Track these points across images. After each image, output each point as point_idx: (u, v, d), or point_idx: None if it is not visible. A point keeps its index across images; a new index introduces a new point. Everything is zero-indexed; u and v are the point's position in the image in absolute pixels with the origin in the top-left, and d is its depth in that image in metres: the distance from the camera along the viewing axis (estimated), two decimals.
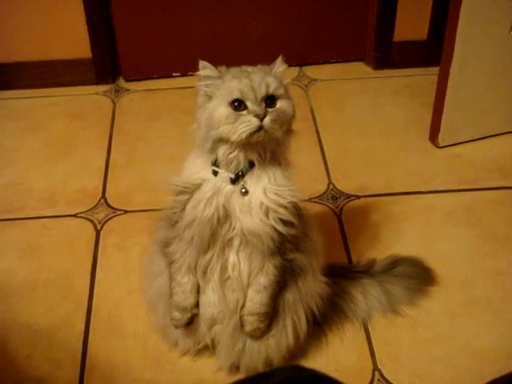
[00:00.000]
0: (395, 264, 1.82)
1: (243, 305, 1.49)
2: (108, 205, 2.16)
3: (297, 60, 2.82)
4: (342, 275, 1.76)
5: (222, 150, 1.35)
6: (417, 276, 1.83)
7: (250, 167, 1.38)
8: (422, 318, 1.77)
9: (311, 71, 2.81)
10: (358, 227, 2.05)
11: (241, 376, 1.61)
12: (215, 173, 1.38)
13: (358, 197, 2.17)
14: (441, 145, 2.35)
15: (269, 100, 1.33)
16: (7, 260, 1.98)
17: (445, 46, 2.20)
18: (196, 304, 1.51)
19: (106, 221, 2.10)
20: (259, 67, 1.38)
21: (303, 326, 1.58)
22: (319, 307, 1.59)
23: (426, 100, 2.46)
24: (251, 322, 1.49)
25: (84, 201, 2.18)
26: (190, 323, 1.54)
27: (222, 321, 1.52)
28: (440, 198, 2.16)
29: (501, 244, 1.99)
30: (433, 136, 2.37)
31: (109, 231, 2.06)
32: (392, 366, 1.66)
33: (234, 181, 1.37)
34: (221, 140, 1.33)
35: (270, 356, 1.56)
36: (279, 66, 1.38)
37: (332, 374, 0.98)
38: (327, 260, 1.61)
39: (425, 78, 2.69)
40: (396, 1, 2.64)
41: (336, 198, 2.16)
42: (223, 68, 1.37)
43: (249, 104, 1.31)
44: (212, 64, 1.37)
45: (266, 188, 1.38)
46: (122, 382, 1.65)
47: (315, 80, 2.76)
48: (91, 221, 2.10)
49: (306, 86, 2.72)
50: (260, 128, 1.30)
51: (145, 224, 2.02)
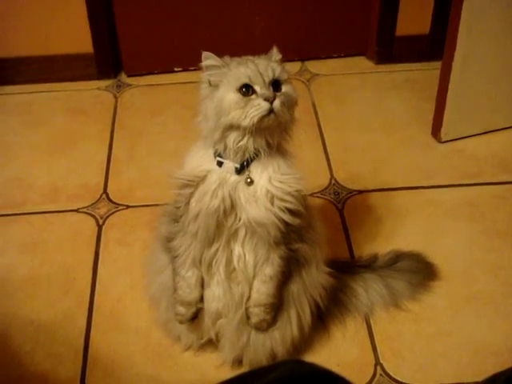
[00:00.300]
0: (397, 259, 1.82)
1: (248, 297, 1.49)
2: (110, 200, 2.16)
3: (299, 55, 2.82)
4: (344, 270, 1.76)
5: (232, 138, 1.35)
6: (419, 271, 1.83)
7: (255, 157, 1.38)
8: (424, 313, 1.77)
9: (313, 66, 2.80)
10: (360, 222, 2.05)
11: (244, 370, 1.61)
12: (220, 164, 1.39)
13: (360, 191, 2.17)
14: (443, 139, 2.35)
15: (275, 84, 1.34)
16: (9, 255, 1.98)
17: (447, 41, 2.20)
18: (201, 298, 1.51)
19: (108, 216, 2.10)
20: (259, 56, 1.40)
21: (307, 318, 1.58)
22: (323, 298, 1.60)
23: (429, 94, 2.45)
24: (257, 314, 1.49)
25: (86, 196, 2.18)
26: (195, 318, 1.54)
27: (227, 314, 1.52)
28: (442, 193, 2.16)
29: (503, 239, 1.99)
30: (435, 131, 2.37)
31: (111, 226, 2.06)
32: (394, 361, 1.66)
33: (239, 171, 1.38)
34: (231, 127, 1.34)
35: (275, 349, 1.56)
36: (276, 55, 1.40)
37: (334, 369, 0.98)
38: (329, 255, 1.61)
39: (427, 73, 2.68)
40: None
41: (338, 193, 2.16)
42: (226, 57, 1.38)
43: (257, 88, 1.32)
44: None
45: (271, 177, 1.39)
46: (124, 377, 1.65)
47: (317, 75, 2.76)
48: (93, 216, 2.10)
49: (308, 81, 2.72)
50: (270, 111, 1.31)
51: (147, 219, 2.02)
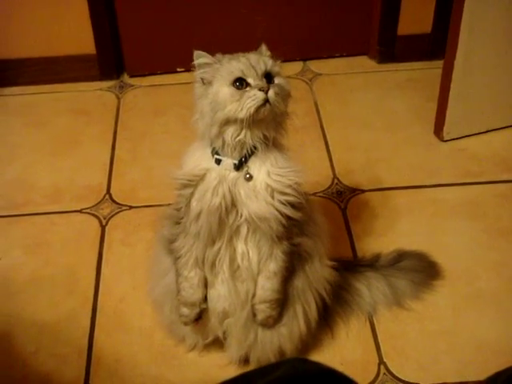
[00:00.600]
0: (400, 258, 1.82)
1: (254, 294, 1.49)
2: (113, 200, 2.17)
3: (301, 54, 2.82)
4: (347, 269, 1.76)
5: (230, 133, 1.36)
6: (422, 270, 1.83)
7: (253, 153, 1.39)
8: (427, 312, 1.77)
9: (315, 65, 2.81)
10: (363, 221, 2.05)
11: (249, 368, 1.61)
12: (218, 161, 1.39)
13: (363, 191, 2.17)
14: (445, 138, 2.35)
15: (267, 77, 1.35)
16: (13, 256, 1.99)
17: (449, 40, 2.19)
18: (204, 298, 1.51)
19: (111, 216, 2.10)
20: (250, 52, 1.40)
21: (313, 313, 1.58)
22: (328, 292, 1.60)
23: (431, 94, 2.45)
24: (263, 310, 1.50)
25: (89, 196, 2.19)
26: (199, 319, 1.54)
27: (234, 313, 1.52)
28: (445, 192, 2.16)
29: (505, 237, 1.99)
30: (437, 130, 2.37)
31: (114, 227, 2.07)
32: (397, 360, 1.67)
33: (238, 167, 1.38)
34: (228, 121, 1.34)
35: (283, 346, 1.56)
36: (265, 52, 1.42)
37: (337, 368, 0.98)
38: (332, 254, 1.61)
39: (429, 72, 2.68)
40: None
41: (341, 193, 2.16)
42: (218, 55, 1.39)
43: (250, 80, 1.33)
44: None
45: (270, 171, 1.39)
46: (128, 377, 1.65)
47: (319, 74, 2.76)
48: (96, 216, 2.11)
49: (310, 81, 2.72)
50: (266, 101, 1.32)
51: (150, 219, 2.02)
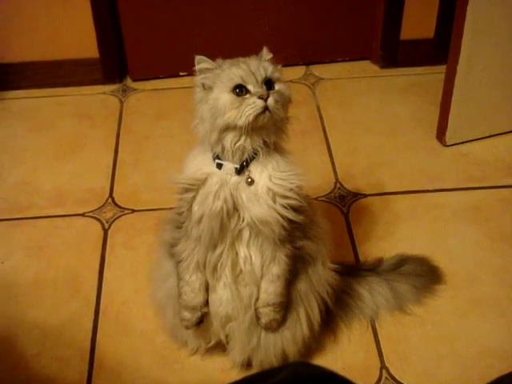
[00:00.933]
0: (402, 262, 1.82)
1: (257, 298, 1.49)
2: (115, 204, 2.17)
3: (303, 59, 2.82)
4: (350, 273, 1.76)
5: (230, 139, 1.36)
6: (424, 274, 1.83)
7: (254, 157, 1.39)
8: (429, 317, 1.77)
9: (318, 70, 2.81)
10: (365, 226, 2.05)
11: (252, 372, 1.61)
12: (219, 166, 1.39)
13: (365, 195, 2.17)
14: (448, 143, 2.35)
15: (268, 83, 1.35)
16: (15, 259, 1.99)
17: (452, 45, 2.20)
18: (205, 302, 1.51)
19: (114, 220, 2.11)
20: (250, 57, 1.40)
21: (316, 316, 1.58)
22: (330, 295, 1.60)
23: (433, 98, 2.45)
24: (267, 314, 1.50)
25: (92, 200, 2.19)
26: (200, 323, 1.54)
27: (237, 317, 1.52)
28: (447, 197, 2.16)
29: (508, 242, 1.99)
30: (440, 134, 2.37)
31: (116, 230, 2.07)
32: (399, 365, 1.66)
33: (239, 171, 1.38)
34: (228, 128, 1.34)
35: (286, 349, 1.56)
36: (266, 55, 1.41)
37: (339, 372, 0.98)
38: (335, 258, 1.62)
39: (432, 77, 2.68)
40: None
41: (343, 197, 2.16)
42: (219, 60, 1.39)
43: (250, 87, 1.33)
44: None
45: (271, 175, 1.39)
46: (130, 380, 1.65)
47: (322, 79, 2.76)
48: (99, 220, 2.11)
49: (313, 85, 2.72)
50: (265, 109, 1.32)
51: (152, 223, 2.01)
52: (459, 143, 2.36)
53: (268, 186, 1.39)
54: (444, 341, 1.72)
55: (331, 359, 1.67)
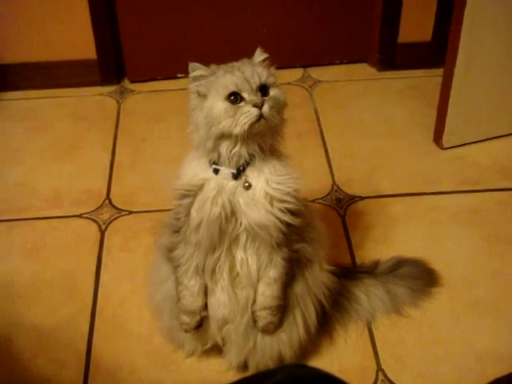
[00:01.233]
0: (399, 265, 1.82)
1: (254, 301, 1.49)
2: (113, 205, 2.17)
3: (301, 61, 2.83)
4: (346, 276, 1.76)
5: (225, 146, 1.36)
6: (420, 277, 1.83)
7: (250, 162, 1.38)
8: (426, 319, 1.77)
9: (315, 72, 2.81)
10: (362, 228, 2.05)
11: (248, 374, 1.61)
12: (216, 171, 1.39)
13: (362, 198, 2.17)
14: (445, 146, 2.35)
15: (262, 89, 1.34)
16: (12, 260, 1.99)
17: (449, 48, 2.20)
18: (204, 306, 1.52)
19: (111, 221, 2.11)
20: (244, 60, 1.39)
21: (313, 318, 1.59)
22: (327, 297, 1.60)
23: (431, 101, 2.45)
24: (264, 317, 1.50)
25: (89, 201, 2.19)
26: (199, 326, 1.54)
27: (234, 320, 1.52)
28: (444, 200, 2.16)
29: (505, 245, 1.99)
30: (437, 137, 2.37)
31: (113, 232, 2.07)
32: (396, 367, 1.67)
33: (236, 176, 1.38)
34: (223, 136, 1.34)
35: (283, 352, 1.56)
36: (259, 56, 1.40)
37: (336, 374, 0.98)
38: (331, 260, 1.61)
39: (429, 80, 2.69)
40: (400, 2, 2.65)
41: (340, 199, 2.16)
42: (213, 66, 1.38)
43: (245, 95, 1.32)
44: (216, 64, 1.38)
45: (269, 179, 1.39)
46: (127, 382, 1.65)
47: (319, 81, 2.77)
48: (96, 221, 2.11)
49: (311, 88, 2.73)
50: (260, 116, 1.31)
51: (149, 224, 2.03)
52: (456, 146, 2.36)
53: (265, 191, 1.38)
54: (440, 343, 1.72)
55: (328, 361, 1.67)
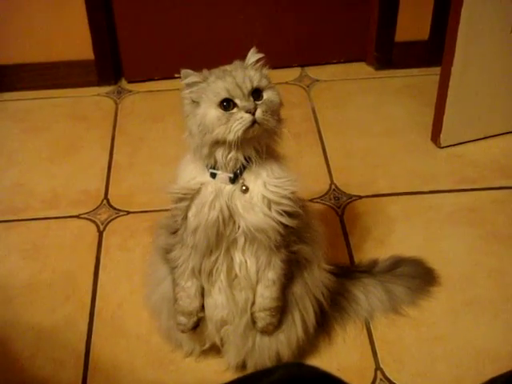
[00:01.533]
0: (397, 264, 1.83)
1: (253, 303, 1.50)
2: (111, 206, 2.17)
3: (298, 61, 2.83)
4: (344, 275, 1.76)
5: (221, 152, 1.35)
6: (419, 276, 1.83)
7: (247, 164, 1.38)
8: (424, 318, 1.77)
9: (313, 72, 2.82)
10: (360, 227, 2.05)
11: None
12: (213, 175, 1.39)
13: (360, 197, 2.18)
14: (442, 145, 2.36)
15: (255, 93, 1.34)
16: (10, 261, 1.99)
17: (446, 46, 2.20)
18: (201, 307, 1.52)
19: (109, 222, 2.10)
20: (236, 63, 1.39)
21: (311, 318, 1.59)
22: (326, 297, 1.60)
23: (428, 100, 2.46)
24: (263, 318, 1.50)
25: (87, 202, 2.19)
26: (196, 327, 1.54)
27: (232, 321, 1.52)
28: (442, 198, 2.16)
29: (503, 244, 1.99)
30: (434, 136, 2.37)
31: (111, 232, 2.07)
32: (394, 366, 1.67)
33: (234, 180, 1.38)
34: (217, 143, 1.34)
35: (281, 352, 1.57)
36: (252, 57, 1.40)
37: (333, 373, 0.98)
38: (329, 259, 1.62)
39: (426, 78, 2.69)
40: (397, 1, 2.65)
41: (338, 198, 2.16)
42: (205, 71, 1.38)
43: (237, 101, 1.31)
44: (213, 64, 1.39)
45: (266, 182, 1.39)
46: (125, 382, 1.65)
47: (317, 80, 2.77)
48: (94, 222, 2.11)
49: (308, 87, 2.73)
50: (254, 122, 1.31)
51: (147, 225, 2.02)
52: (454, 145, 2.36)
53: (263, 194, 1.38)
54: (438, 342, 1.72)
55: (326, 360, 1.67)
